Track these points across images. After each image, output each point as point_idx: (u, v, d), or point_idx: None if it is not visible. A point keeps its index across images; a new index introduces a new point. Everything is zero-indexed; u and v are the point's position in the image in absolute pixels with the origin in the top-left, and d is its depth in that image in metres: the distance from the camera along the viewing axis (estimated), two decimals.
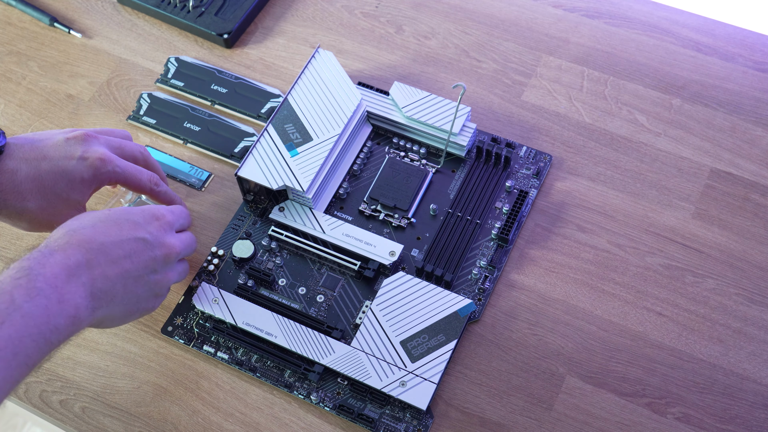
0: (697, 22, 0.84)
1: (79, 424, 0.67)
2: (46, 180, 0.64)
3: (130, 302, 0.60)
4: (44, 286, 0.53)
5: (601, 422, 0.64)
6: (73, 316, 0.55)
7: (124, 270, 0.59)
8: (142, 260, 0.61)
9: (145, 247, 0.61)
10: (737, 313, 0.68)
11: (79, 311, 0.55)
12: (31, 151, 0.64)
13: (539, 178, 0.75)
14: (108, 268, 0.58)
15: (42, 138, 0.66)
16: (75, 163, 0.65)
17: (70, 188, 0.65)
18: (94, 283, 0.57)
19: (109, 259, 0.58)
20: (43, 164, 0.64)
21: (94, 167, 0.65)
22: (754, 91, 0.79)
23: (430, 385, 0.64)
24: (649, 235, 0.72)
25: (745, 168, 0.75)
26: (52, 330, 0.53)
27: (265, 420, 0.67)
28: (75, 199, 0.66)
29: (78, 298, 0.55)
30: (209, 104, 0.83)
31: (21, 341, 0.51)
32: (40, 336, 0.52)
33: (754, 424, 0.63)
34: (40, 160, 0.64)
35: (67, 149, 0.65)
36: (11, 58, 0.88)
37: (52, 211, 0.65)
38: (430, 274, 0.70)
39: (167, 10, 0.88)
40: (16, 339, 0.51)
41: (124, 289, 0.59)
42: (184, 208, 0.68)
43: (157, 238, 0.62)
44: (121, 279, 0.59)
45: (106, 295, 0.58)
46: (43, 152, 0.65)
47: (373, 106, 0.78)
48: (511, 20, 0.86)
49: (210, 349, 0.69)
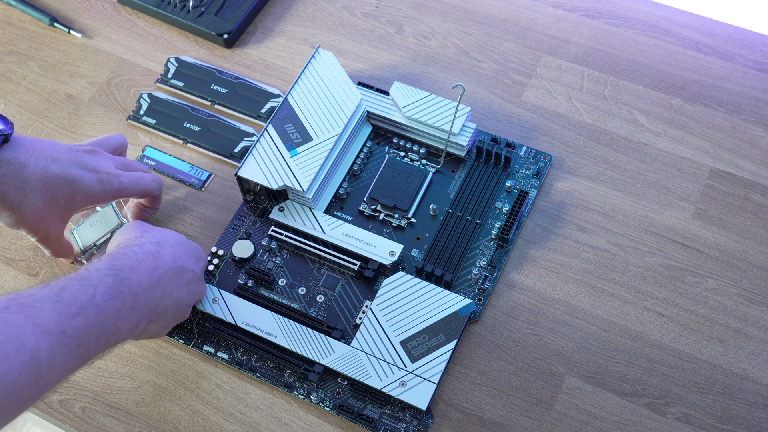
0: (697, 22, 0.84)
1: (79, 424, 0.67)
2: (52, 182, 0.63)
3: (170, 321, 0.63)
4: (126, 291, 0.56)
5: (601, 422, 0.64)
6: (136, 324, 0.57)
7: (182, 296, 0.62)
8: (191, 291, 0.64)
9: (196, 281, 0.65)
10: (737, 313, 0.68)
11: (141, 321, 0.58)
12: (41, 149, 0.63)
13: (539, 178, 0.75)
14: (175, 291, 0.61)
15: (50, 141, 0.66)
16: (84, 174, 0.65)
17: (72, 197, 0.65)
18: (161, 300, 0.60)
19: (180, 282, 0.62)
20: (53, 166, 0.63)
21: (103, 182, 0.66)
22: (754, 91, 0.79)
23: (430, 385, 0.64)
24: (649, 235, 0.72)
25: (745, 168, 0.75)
26: (116, 333, 0.56)
27: (265, 420, 0.67)
28: (69, 209, 0.66)
29: (146, 308, 0.58)
30: (209, 104, 0.83)
31: (87, 336, 0.53)
32: (104, 335, 0.55)
33: (754, 424, 0.63)
34: (49, 160, 0.63)
35: (77, 157, 0.65)
36: (11, 58, 0.88)
37: (44, 215, 0.65)
38: (430, 274, 0.70)
39: (167, 10, 0.88)
40: (85, 332, 0.53)
41: (174, 312, 0.62)
42: None
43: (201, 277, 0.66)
44: (176, 303, 0.62)
45: (164, 313, 0.61)
46: (54, 154, 0.64)
47: (373, 106, 0.78)
48: (511, 20, 0.86)
49: (210, 349, 0.69)
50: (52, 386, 0.52)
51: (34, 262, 0.75)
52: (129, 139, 0.81)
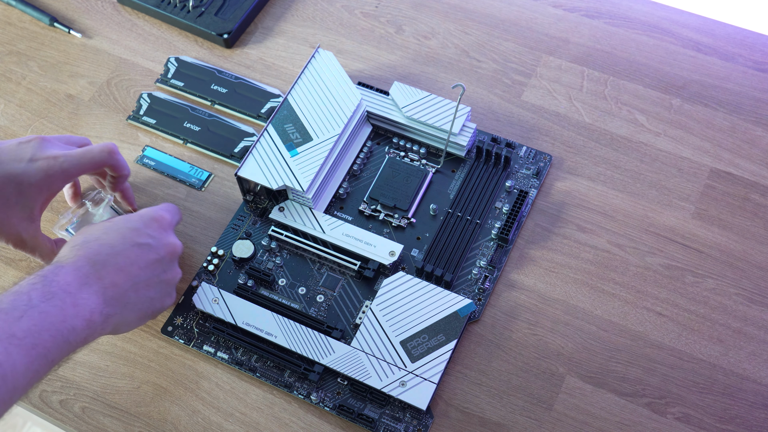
0: (697, 22, 0.84)
1: (79, 424, 0.67)
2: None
3: (143, 306, 0.62)
4: (58, 291, 0.55)
5: (601, 422, 0.64)
6: (89, 319, 0.56)
7: (133, 276, 0.61)
8: (149, 264, 0.62)
9: (150, 251, 0.62)
10: (737, 313, 0.68)
11: (94, 315, 0.57)
12: None
13: (539, 178, 0.75)
14: (117, 277, 0.59)
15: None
16: (24, 166, 0.64)
17: (20, 192, 0.64)
18: (105, 292, 0.58)
19: (117, 268, 0.60)
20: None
21: (43, 169, 0.64)
22: (754, 91, 0.79)
23: (429, 385, 0.64)
24: (649, 235, 0.72)
25: (745, 168, 0.75)
26: (70, 330, 0.55)
27: (265, 420, 0.67)
28: (25, 206, 0.65)
29: (92, 303, 0.57)
30: (209, 104, 0.83)
31: (40, 334, 0.53)
32: (58, 333, 0.54)
33: (754, 424, 0.63)
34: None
35: (17, 152, 0.64)
36: (11, 58, 0.88)
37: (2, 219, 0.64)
38: (430, 274, 0.70)
39: (167, 10, 0.88)
40: (35, 332, 0.52)
41: (137, 294, 0.61)
42: (174, 205, 0.70)
43: (158, 241, 0.63)
44: (131, 285, 0.60)
45: (119, 302, 0.59)
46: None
47: (373, 106, 0.78)
48: (511, 20, 0.86)
49: (210, 349, 0.69)
50: (22, 390, 0.52)
51: (34, 263, 0.75)
52: (129, 139, 0.81)
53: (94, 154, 0.67)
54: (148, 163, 0.80)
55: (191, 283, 0.72)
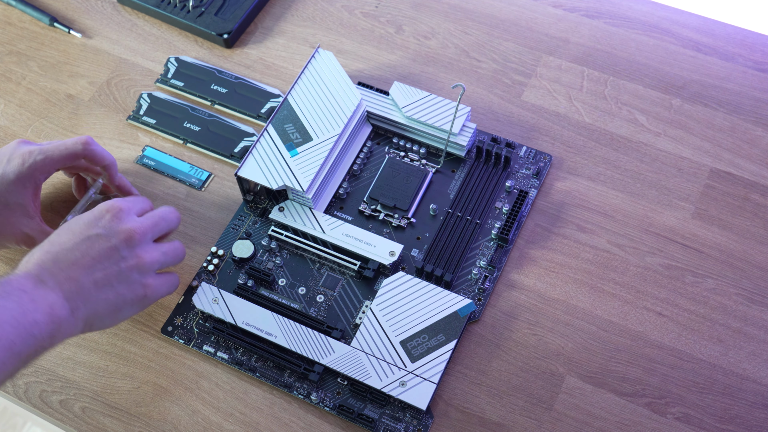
0: (697, 22, 0.84)
1: (79, 424, 0.67)
2: None
3: (111, 298, 0.61)
4: (14, 290, 0.56)
5: (601, 422, 0.64)
6: (50, 313, 0.57)
7: (88, 267, 0.60)
8: (102, 253, 0.61)
9: (100, 240, 0.62)
10: (737, 313, 0.68)
11: (55, 309, 0.57)
12: None
13: (539, 178, 0.75)
14: (72, 271, 0.59)
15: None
16: (4, 167, 0.67)
17: (8, 193, 0.67)
18: (62, 286, 0.58)
19: (68, 263, 0.60)
20: None
21: (19, 164, 0.67)
22: (754, 91, 0.79)
23: (429, 385, 0.64)
24: (649, 235, 0.72)
25: (745, 168, 0.75)
26: (32, 323, 0.55)
27: (265, 420, 0.67)
28: (17, 203, 0.67)
29: (50, 298, 0.57)
30: (209, 104, 0.83)
31: (1, 326, 0.54)
32: (20, 325, 0.55)
33: (754, 424, 0.63)
34: None
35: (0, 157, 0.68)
36: (11, 58, 0.88)
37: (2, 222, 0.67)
38: (430, 274, 0.70)
39: (167, 10, 0.88)
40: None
41: (96, 286, 0.60)
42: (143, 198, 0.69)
43: (110, 229, 0.63)
44: (89, 277, 0.60)
45: (80, 295, 0.59)
46: None
47: (373, 106, 0.78)
48: (511, 20, 0.86)
49: (210, 349, 0.69)
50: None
51: None
52: (129, 139, 0.81)
53: (68, 144, 0.69)
54: (148, 163, 0.80)
55: (191, 283, 0.72)
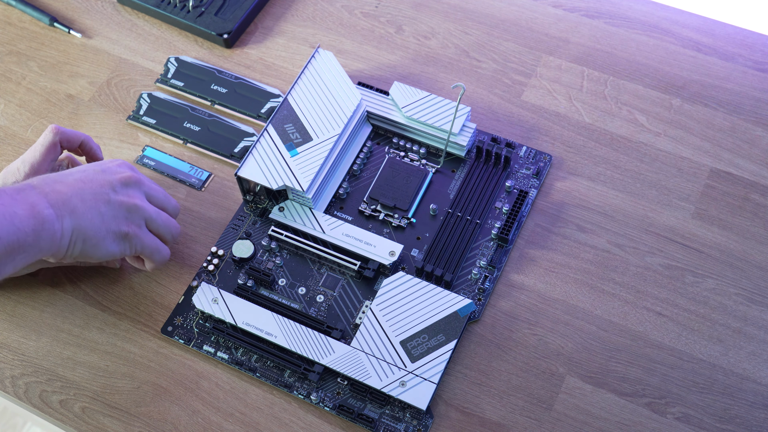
0: (697, 22, 0.84)
1: (79, 424, 0.67)
2: None
3: (95, 220, 0.62)
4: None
5: (601, 422, 0.64)
6: (31, 209, 0.58)
7: (76, 184, 0.62)
8: (96, 179, 0.64)
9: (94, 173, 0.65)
10: (737, 313, 0.68)
11: (37, 207, 0.59)
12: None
13: (539, 178, 0.75)
14: (58, 185, 0.61)
15: None
16: None
17: None
18: (46, 196, 0.60)
19: (57, 180, 0.62)
20: None
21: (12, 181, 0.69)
22: (754, 91, 0.79)
23: (429, 385, 0.64)
24: (649, 235, 0.72)
25: (745, 168, 0.75)
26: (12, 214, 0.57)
27: (265, 420, 0.67)
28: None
29: (31, 198, 0.59)
30: (209, 104, 0.83)
31: None
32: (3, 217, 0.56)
33: (754, 424, 0.63)
34: None
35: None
36: (11, 58, 0.88)
37: None
38: (430, 274, 0.70)
39: (167, 10, 0.88)
40: None
41: (83, 202, 0.62)
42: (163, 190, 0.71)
43: (110, 171, 0.66)
44: (75, 192, 0.62)
45: (65, 205, 0.61)
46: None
47: (373, 106, 0.78)
48: (511, 20, 0.86)
49: (210, 349, 0.69)
50: None
51: None
52: (129, 139, 0.81)
53: (41, 141, 0.70)
54: (148, 163, 0.80)
55: (191, 283, 0.72)
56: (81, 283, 0.73)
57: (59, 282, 0.73)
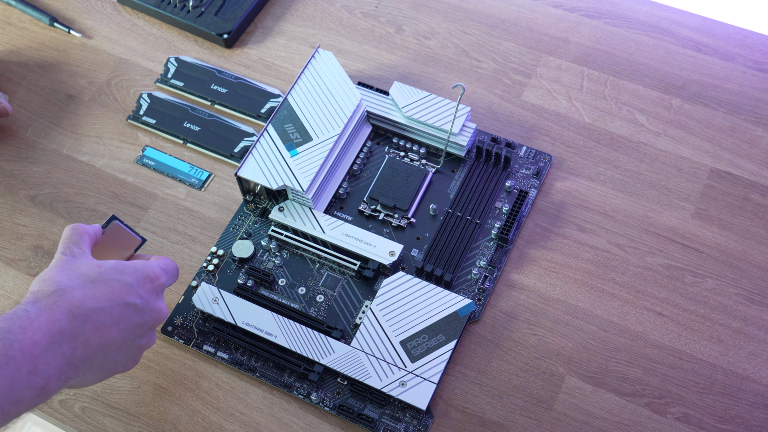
0: (697, 22, 0.84)
1: (79, 424, 0.67)
2: None
3: (107, 368, 0.58)
4: (18, 355, 0.50)
5: (601, 422, 0.64)
6: (41, 388, 0.51)
7: (109, 338, 0.56)
8: (129, 327, 0.57)
9: (134, 312, 0.58)
10: (737, 313, 0.68)
11: (49, 384, 0.52)
12: None
13: (539, 178, 0.75)
14: (92, 336, 0.54)
15: None
16: None
17: None
18: (73, 353, 0.53)
19: (95, 326, 0.55)
20: None
21: None
22: (754, 91, 0.79)
23: (429, 385, 0.64)
24: (649, 235, 0.72)
25: (745, 168, 0.75)
26: (13, 402, 0.50)
27: (265, 420, 0.67)
28: None
29: (52, 369, 0.52)
30: (209, 104, 0.83)
31: None
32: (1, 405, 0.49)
33: (754, 424, 0.63)
34: None
35: None
36: (11, 58, 0.88)
37: None
38: (430, 274, 0.70)
39: (167, 10, 0.88)
40: None
41: (105, 357, 0.56)
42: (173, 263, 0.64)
43: (148, 304, 0.59)
44: (103, 347, 0.56)
45: (84, 364, 0.54)
46: None
47: (373, 106, 0.78)
48: (511, 20, 0.86)
49: (210, 349, 0.69)
50: None
51: (34, 262, 0.75)
52: (129, 139, 0.81)
53: None
54: (148, 163, 0.80)
55: (191, 282, 0.72)
56: None
57: None
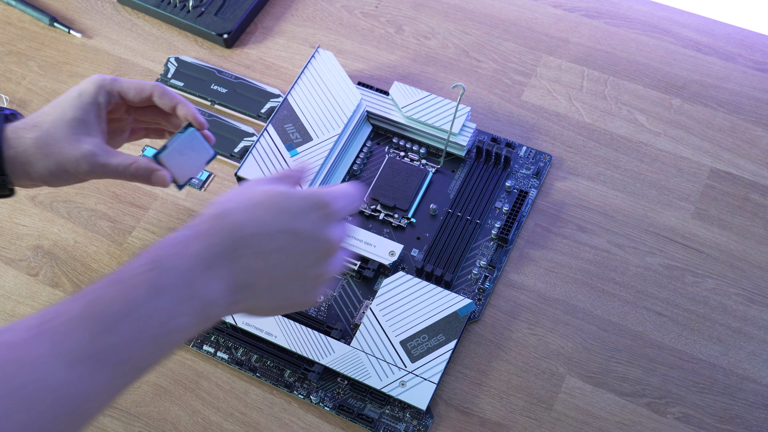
0: (697, 22, 0.84)
1: None
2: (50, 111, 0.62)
3: (280, 295, 0.53)
4: (175, 282, 0.47)
5: (601, 422, 0.64)
6: (200, 314, 0.48)
7: (272, 264, 0.52)
8: (294, 255, 0.52)
9: (302, 241, 0.52)
10: (737, 313, 0.68)
11: (210, 309, 0.49)
12: None
13: (539, 178, 0.75)
14: (253, 260, 0.51)
15: None
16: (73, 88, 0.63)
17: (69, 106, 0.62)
18: (234, 277, 0.50)
19: (256, 251, 0.51)
20: None
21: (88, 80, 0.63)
22: (754, 91, 0.79)
23: (429, 385, 0.64)
24: (649, 235, 0.72)
25: (745, 168, 0.75)
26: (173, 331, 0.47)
27: (265, 420, 0.67)
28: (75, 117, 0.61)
29: (211, 293, 0.49)
30: (209, 104, 0.83)
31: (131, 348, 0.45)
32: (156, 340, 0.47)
33: (754, 424, 0.63)
34: None
35: None
36: (11, 58, 0.88)
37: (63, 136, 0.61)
38: (430, 274, 0.70)
39: (167, 10, 0.88)
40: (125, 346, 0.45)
41: (271, 283, 0.52)
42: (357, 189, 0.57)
43: (313, 233, 0.53)
44: (267, 273, 0.51)
45: (249, 289, 0.51)
46: None
47: (373, 106, 0.78)
48: (511, 20, 0.86)
49: (210, 349, 0.69)
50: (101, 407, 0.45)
51: (34, 262, 0.75)
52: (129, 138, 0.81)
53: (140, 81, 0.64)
54: None
55: None
56: (81, 283, 0.73)
57: (59, 282, 0.73)
